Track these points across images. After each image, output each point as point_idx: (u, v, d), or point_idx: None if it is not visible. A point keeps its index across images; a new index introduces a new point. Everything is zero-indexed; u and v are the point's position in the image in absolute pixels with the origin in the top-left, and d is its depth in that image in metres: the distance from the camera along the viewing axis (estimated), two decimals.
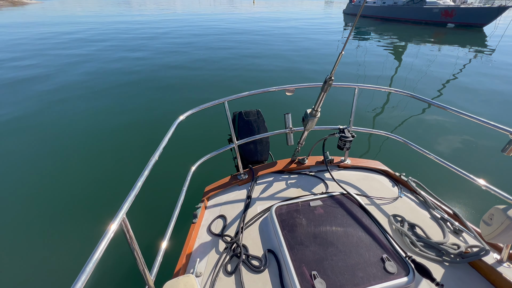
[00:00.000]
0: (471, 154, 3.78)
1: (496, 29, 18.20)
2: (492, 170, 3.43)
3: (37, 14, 29.41)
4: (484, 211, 1.12)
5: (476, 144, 4.01)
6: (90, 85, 6.84)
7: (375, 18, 28.18)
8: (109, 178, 3.35)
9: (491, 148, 3.88)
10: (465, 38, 14.71)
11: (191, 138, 4.18)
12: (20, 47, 11.53)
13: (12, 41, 13.03)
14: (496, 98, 5.90)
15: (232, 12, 32.74)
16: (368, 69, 8.35)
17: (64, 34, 15.08)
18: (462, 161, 3.64)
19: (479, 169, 3.46)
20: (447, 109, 1.55)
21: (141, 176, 1.04)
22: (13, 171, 3.47)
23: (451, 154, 3.81)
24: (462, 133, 4.32)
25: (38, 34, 15.01)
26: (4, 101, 5.76)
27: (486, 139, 4.12)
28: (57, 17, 25.38)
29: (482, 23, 19.21)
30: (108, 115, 5.07)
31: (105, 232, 0.79)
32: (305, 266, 1.17)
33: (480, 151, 3.85)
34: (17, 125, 4.69)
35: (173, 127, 1.48)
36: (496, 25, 19.34)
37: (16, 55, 10.11)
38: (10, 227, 2.66)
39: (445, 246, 1.28)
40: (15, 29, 17.21)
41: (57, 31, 16.32)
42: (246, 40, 13.15)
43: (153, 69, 8.27)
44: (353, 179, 1.83)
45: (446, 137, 4.25)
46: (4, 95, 6.12)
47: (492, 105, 5.54)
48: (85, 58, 9.68)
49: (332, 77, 1.42)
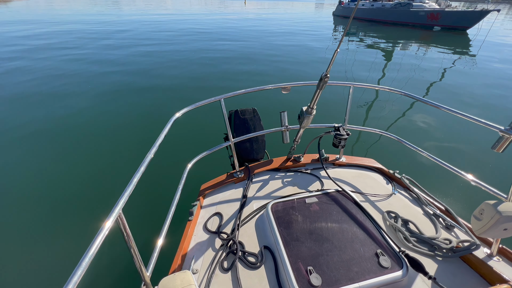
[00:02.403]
0: (462, 151, 3.90)
1: (479, 31, 18.95)
2: (483, 166, 3.55)
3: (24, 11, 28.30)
4: (475, 206, 1.15)
5: (467, 141, 4.14)
6: (85, 83, 6.68)
7: (363, 19, 28.74)
8: (104, 175, 3.30)
9: (481, 145, 4.01)
10: (449, 40, 15.25)
11: (187, 135, 4.15)
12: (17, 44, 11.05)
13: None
14: (479, 98, 6.16)
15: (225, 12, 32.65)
16: (356, 69, 8.51)
17: (55, 32, 14.58)
18: (454, 158, 3.74)
19: (469, 165, 3.57)
20: (439, 107, 1.59)
21: (137, 172, 1.03)
22: (9, 169, 3.37)
23: (443, 151, 3.91)
24: (454, 131, 4.46)
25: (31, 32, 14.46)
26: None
27: (477, 136, 4.25)
28: (43, 15, 24.51)
29: (466, 26, 19.98)
30: (104, 112, 4.98)
31: (101, 227, 0.78)
32: (301, 261, 1.18)
33: (470, 148, 3.97)
34: (13, 123, 4.53)
35: (169, 124, 1.46)
36: (480, 28, 20.14)
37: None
38: (5, 224, 2.59)
39: (437, 241, 1.32)
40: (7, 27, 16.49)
41: (50, 29, 15.76)
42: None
43: (150, 66, 8.17)
44: (348, 176, 1.86)
45: (438, 134, 4.37)
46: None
47: (477, 103, 5.77)
48: (78, 56, 9.41)
49: (327, 74, 1.42)
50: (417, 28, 22.03)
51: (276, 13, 33.20)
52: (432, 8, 22.05)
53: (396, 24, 24.48)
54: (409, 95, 1.81)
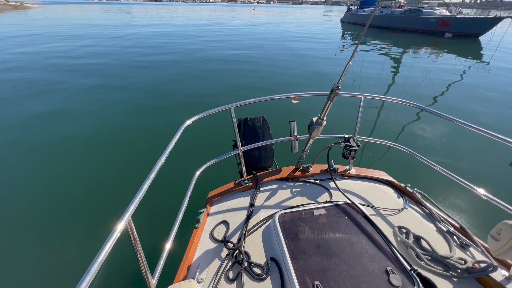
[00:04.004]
0: (479, 167, 3.74)
1: (492, 38, 18.57)
2: (500, 183, 3.39)
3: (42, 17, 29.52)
4: (492, 225, 1.11)
5: (484, 157, 3.97)
6: (98, 87, 6.89)
7: (372, 26, 28.66)
8: (116, 181, 3.35)
9: (498, 160, 3.84)
10: (460, 47, 14.99)
11: (197, 143, 4.19)
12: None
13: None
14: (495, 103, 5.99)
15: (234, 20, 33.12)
16: (365, 77, 8.44)
17: (69, 38, 15.17)
18: (468, 174, 3.59)
19: (486, 182, 3.41)
20: (454, 121, 1.54)
21: (147, 179, 1.04)
22: (23, 173, 3.48)
23: (457, 166, 3.76)
24: (470, 146, 4.27)
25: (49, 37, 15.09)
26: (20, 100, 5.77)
27: (494, 151, 4.07)
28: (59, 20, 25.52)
29: (478, 33, 19.65)
30: (116, 120, 5.09)
31: (112, 232, 0.78)
32: (308, 275, 1.15)
33: (487, 163, 3.81)
34: (28, 125, 4.70)
35: (180, 132, 1.48)
36: (493, 35, 19.73)
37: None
38: (17, 228, 2.66)
39: (452, 260, 1.26)
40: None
41: (63, 33, 16.42)
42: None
43: (165, 73, 8.34)
44: (357, 188, 1.82)
45: (453, 149, 4.21)
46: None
47: (492, 112, 5.60)
48: (91, 61, 9.72)
49: (339, 86, 1.42)
50: (427, 34, 21.80)
51: (283, 21, 33.46)
52: (443, 15, 21.85)
53: (405, 31, 24.31)
54: (423, 108, 1.76)
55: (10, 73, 8.00)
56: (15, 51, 11.20)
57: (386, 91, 7.20)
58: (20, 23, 23.37)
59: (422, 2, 26.35)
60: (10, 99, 5.91)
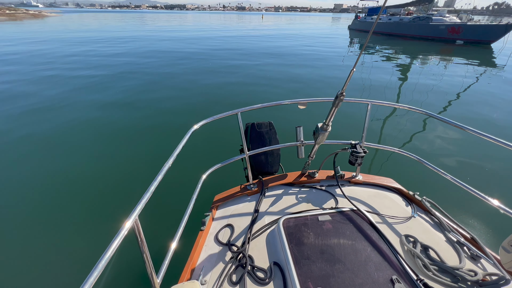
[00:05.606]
0: (490, 176, 3.63)
1: (505, 45, 18.16)
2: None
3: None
4: (504, 236, 1.07)
5: (496, 166, 3.85)
6: (109, 89, 7.11)
7: (380, 33, 28.55)
8: (123, 183, 3.43)
9: (511, 170, 3.72)
10: (472, 54, 14.72)
11: (204, 147, 4.24)
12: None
13: None
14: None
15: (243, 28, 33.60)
16: (373, 83, 8.39)
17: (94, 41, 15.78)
18: (480, 183, 3.47)
19: (498, 192, 3.30)
20: (465, 129, 1.51)
21: (154, 180, 1.07)
22: (34, 173, 3.60)
23: (468, 175, 3.65)
24: (481, 154, 4.15)
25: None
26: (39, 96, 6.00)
27: (507, 161, 3.95)
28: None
29: (490, 40, 19.29)
30: (126, 123, 5.23)
31: (119, 230, 0.80)
32: (311, 281, 1.14)
33: (499, 173, 3.69)
34: (42, 125, 4.88)
35: (187, 136, 1.51)
36: (505, 42, 19.29)
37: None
38: (28, 225, 2.74)
39: (461, 271, 1.22)
40: None
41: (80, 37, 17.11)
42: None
43: (174, 77, 8.53)
44: (364, 195, 1.80)
45: (464, 157, 4.09)
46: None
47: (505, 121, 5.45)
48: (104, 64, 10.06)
49: (343, 92, 1.43)
50: (437, 42, 21.54)
51: (291, 29, 33.77)
52: (453, 22, 21.59)
53: (415, 38, 24.10)
54: (432, 115, 1.74)
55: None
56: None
57: (396, 99, 7.12)
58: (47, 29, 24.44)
59: (431, 10, 26.14)
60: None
